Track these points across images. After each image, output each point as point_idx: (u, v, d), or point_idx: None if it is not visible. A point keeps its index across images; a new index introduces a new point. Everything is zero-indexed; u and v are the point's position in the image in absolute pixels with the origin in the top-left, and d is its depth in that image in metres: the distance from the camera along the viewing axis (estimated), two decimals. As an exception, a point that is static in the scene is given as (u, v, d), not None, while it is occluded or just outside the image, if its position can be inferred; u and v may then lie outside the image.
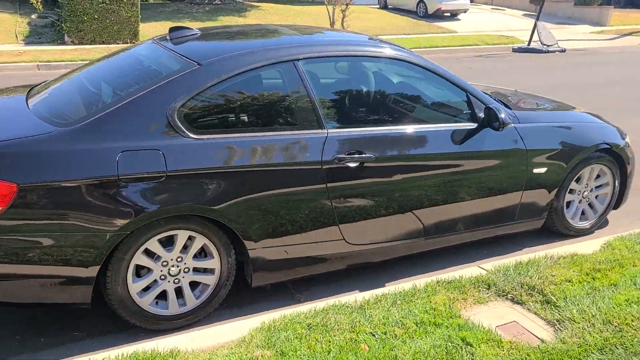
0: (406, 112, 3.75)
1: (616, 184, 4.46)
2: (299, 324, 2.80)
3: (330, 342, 2.66)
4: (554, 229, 4.37)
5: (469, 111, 3.79)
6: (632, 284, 3.23)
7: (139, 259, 2.97)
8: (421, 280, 3.33)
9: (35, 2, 15.23)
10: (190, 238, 3.07)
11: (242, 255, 3.25)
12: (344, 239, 3.44)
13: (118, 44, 13.98)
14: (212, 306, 3.24)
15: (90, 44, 13.87)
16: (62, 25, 14.02)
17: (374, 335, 2.73)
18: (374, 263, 3.74)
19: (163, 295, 3.14)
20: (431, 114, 3.84)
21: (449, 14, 21.38)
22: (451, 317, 2.91)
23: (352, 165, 3.32)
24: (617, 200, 4.58)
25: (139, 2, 14.54)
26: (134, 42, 14.17)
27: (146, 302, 3.05)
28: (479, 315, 3.03)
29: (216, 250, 3.14)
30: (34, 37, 14.40)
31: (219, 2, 19.32)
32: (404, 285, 3.29)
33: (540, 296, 3.19)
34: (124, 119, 2.92)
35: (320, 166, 3.24)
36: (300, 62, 3.33)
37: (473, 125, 3.75)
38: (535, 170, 3.98)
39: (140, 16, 14.65)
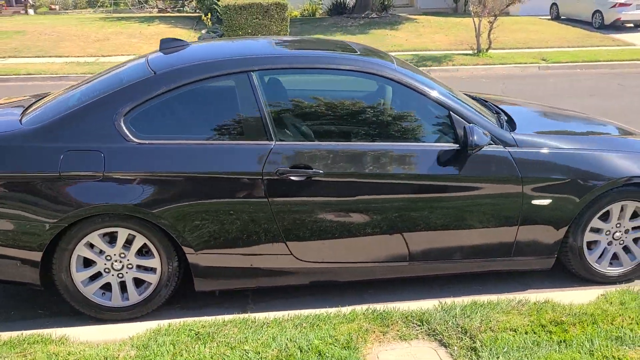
0: (369, 128, 3.58)
1: (665, 223, 3.74)
2: (188, 332, 2.86)
3: (198, 353, 2.67)
4: (574, 272, 3.79)
5: (452, 131, 3.49)
6: (584, 344, 2.72)
7: (82, 250, 3.26)
8: (349, 308, 3.15)
9: (205, 19, 16.90)
10: (131, 236, 3.28)
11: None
12: (292, 254, 3.39)
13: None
14: (155, 304, 3.41)
15: (243, 56, 14.99)
16: (221, 39, 15.39)
17: (246, 353, 2.68)
18: (341, 283, 3.64)
19: (110, 288, 3.39)
20: (402, 132, 3.59)
21: (631, 25, 19.14)
22: (344, 349, 2.74)
23: (296, 179, 3.26)
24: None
25: (289, 17, 15.39)
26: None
27: (90, 291, 3.34)
28: (388, 353, 2.80)
29: (157, 251, 3.31)
30: (198, 49, 16.01)
31: (375, 16, 19.59)
32: (330, 310, 3.14)
33: (470, 342, 2.84)
34: (74, 122, 3.24)
35: (260, 177, 3.25)
36: (255, 73, 3.36)
37: (454, 146, 3.44)
38: (535, 202, 3.51)
39: (289, 30, 15.50)
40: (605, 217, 3.71)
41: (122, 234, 3.27)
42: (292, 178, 3.27)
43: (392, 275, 3.64)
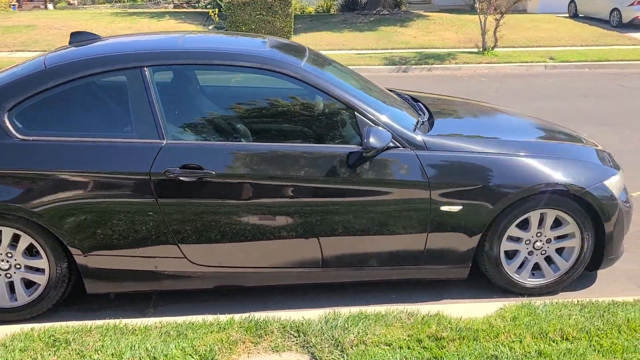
0: (268, 127, 3.43)
1: (586, 237, 3.50)
2: (47, 337, 2.78)
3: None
4: (493, 282, 3.59)
5: (357, 131, 3.32)
6: (453, 362, 2.53)
7: (-33, 248, 3.20)
8: (228, 316, 3.02)
9: (212, 14, 16.90)
10: (17, 236, 3.21)
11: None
12: (186, 257, 3.28)
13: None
14: (44, 305, 3.33)
15: (246, 52, 14.93)
16: (224, 34, 15.38)
17: (88, 360, 2.58)
18: (247, 288, 3.52)
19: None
20: (303, 132, 3.44)
21: (652, 23, 18.44)
22: (200, 360, 2.60)
23: (186, 179, 3.14)
24: (596, 259, 3.60)
25: (293, 13, 15.27)
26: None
27: (-25, 290, 3.27)
28: (251, 365, 2.66)
29: (44, 252, 3.23)
30: (203, 45, 16.02)
31: (386, 13, 19.32)
32: (207, 317, 3.02)
33: (340, 355, 2.68)
34: None
35: (148, 177, 3.14)
36: (148, 69, 3.24)
37: (357, 149, 3.28)
38: (444, 209, 3.32)
39: (293, 27, 15.38)
40: (525, 226, 3.50)
41: (7, 233, 3.20)
42: (182, 179, 3.15)
43: (305, 281, 3.50)
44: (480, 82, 11.73)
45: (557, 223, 3.53)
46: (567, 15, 20.44)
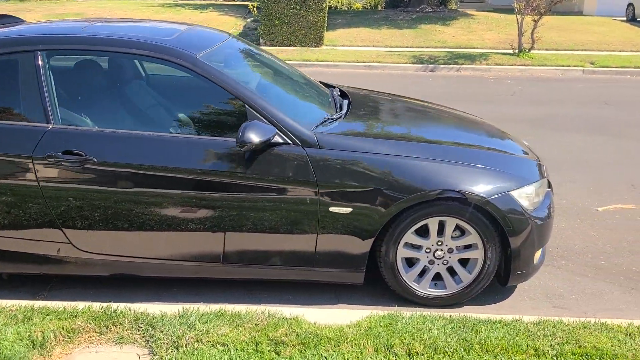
0: (158, 116, 3.38)
1: (489, 249, 3.27)
2: None
3: None
4: (392, 289, 3.43)
5: None
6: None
7: None
8: (86, 304, 3.00)
9: (251, 7, 17.05)
10: None
11: None
12: (71, 243, 3.29)
13: (303, 47, 14.83)
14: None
15: (279, 46, 14.98)
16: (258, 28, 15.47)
17: None
18: (143, 278, 3.49)
19: None
20: (190, 123, 3.37)
21: None
22: (32, 347, 2.60)
23: (67, 165, 3.15)
24: (504, 273, 3.37)
25: (327, 8, 15.17)
26: (318, 46, 14.93)
27: None
28: (86, 355, 2.64)
29: None
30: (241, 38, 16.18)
31: (430, 10, 18.89)
32: (67, 303, 3.02)
33: (174, 353, 2.62)
34: None
35: (31, 161, 3.17)
36: (41, 53, 3.26)
37: None
38: (333, 210, 3.18)
39: (330, 22, 15.28)
40: (425, 233, 3.31)
41: None
42: (63, 164, 3.16)
43: (205, 275, 3.44)
44: (502, 84, 11.28)
45: (460, 232, 3.32)
46: (625, 18, 19.34)
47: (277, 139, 3.18)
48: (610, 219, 4.68)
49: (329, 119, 3.52)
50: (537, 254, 3.46)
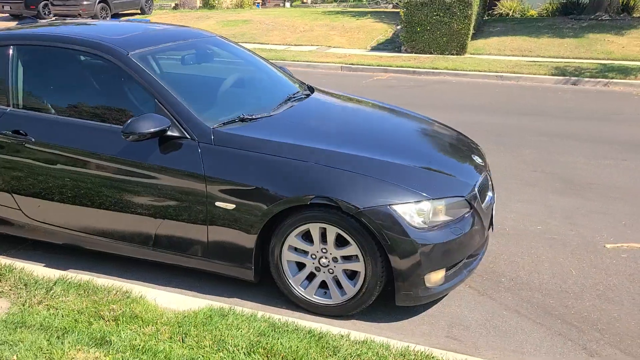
0: (85, 106, 3.75)
1: (370, 263, 3.13)
2: None
3: None
4: (281, 291, 3.44)
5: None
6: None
7: None
8: None
9: (402, 14, 17.11)
10: None
11: None
12: (21, 210, 3.85)
13: (443, 55, 14.53)
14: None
15: (420, 54, 14.85)
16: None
17: None
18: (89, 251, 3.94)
19: None
20: (110, 113, 3.69)
21: None
22: None
23: (14, 141, 3.72)
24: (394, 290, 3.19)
25: (473, 15, 14.61)
26: (460, 54, 14.50)
27: None
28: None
29: None
30: (384, 44, 16.34)
31: (607, 18, 17.04)
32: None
33: (20, 308, 3.00)
34: None
35: None
36: (13, 47, 3.91)
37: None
38: (219, 205, 3.32)
39: (480, 29, 14.70)
40: (310, 238, 3.26)
41: None
42: (11, 141, 3.72)
43: (138, 256, 3.70)
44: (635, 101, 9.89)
45: (344, 242, 3.21)
46: None
47: (174, 132, 3.39)
48: (613, 258, 4.01)
49: (247, 118, 3.61)
50: (436, 277, 3.19)
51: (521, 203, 5.01)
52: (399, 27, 17.48)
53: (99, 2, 19.95)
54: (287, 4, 26.25)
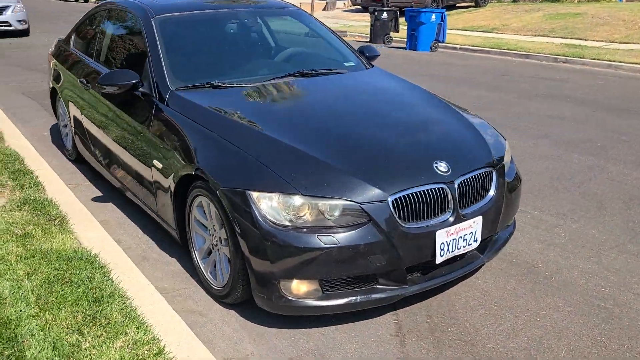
0: (118, 59, 4.34)
1: (234, 252, 2.82)
2: None
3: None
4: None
5: None
6: None
7: None
8: None
9: None
10: None
11: None
12: (84, 126, 4.64)
13: None
14: None
15: None
16: None
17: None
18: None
19: None
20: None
21: None
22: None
23: (83, 86, 4.51)
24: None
25: None
26: None
27: None
28: None
29: None
30: None
31: None
32: None
33: None
34: None
35: None
36: (104, 10, 4.73)
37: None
38: (155, 163, 3.42)
39: None
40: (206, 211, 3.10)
41: None
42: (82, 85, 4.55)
43: (130, 197, 4.06)
44: None
45: (225, 220, 2.91)
46: None
47: (146, 89, 3.62)
48: None
49: (219, 85, 3.55)
50: (300, 288, 2.69)
51: None
52: None
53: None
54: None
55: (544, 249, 3.70)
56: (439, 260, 2.83)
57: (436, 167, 2.87)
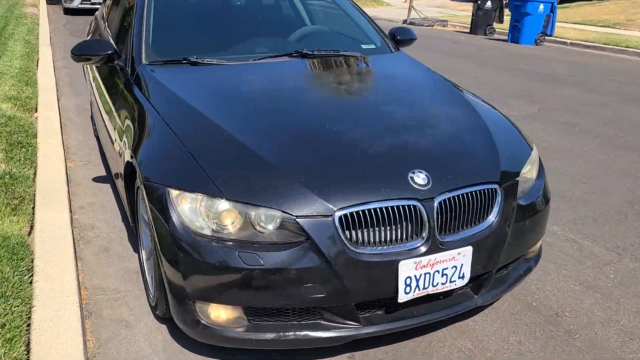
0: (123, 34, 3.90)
1: (155, 251, 2.38)
2: None
3: None
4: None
5: None
6: None
7: None
8: None
9: None
10: None
11: None
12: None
13: None
14: None
15: None
16: None
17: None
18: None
19: None
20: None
21: None
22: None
23: None
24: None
25: None
26: None
27: None
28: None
29: None
30: None
31: None
32: None
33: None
34: None
35: None
36: None
37: None
38: (116, 140, 3.09)
39: None
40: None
41: None
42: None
43: None
44: None
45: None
46: None
47: (121, 62, 3.27)
48: None
49: (195, 61, 3.09)
50: (220, 313, 2.17)
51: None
52: None
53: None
54: None
55: (581, 292, 2.89)
56: (402, 298, 2.18)
57: (411, 178, 2.21)
